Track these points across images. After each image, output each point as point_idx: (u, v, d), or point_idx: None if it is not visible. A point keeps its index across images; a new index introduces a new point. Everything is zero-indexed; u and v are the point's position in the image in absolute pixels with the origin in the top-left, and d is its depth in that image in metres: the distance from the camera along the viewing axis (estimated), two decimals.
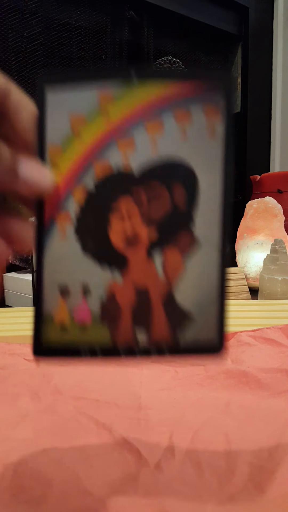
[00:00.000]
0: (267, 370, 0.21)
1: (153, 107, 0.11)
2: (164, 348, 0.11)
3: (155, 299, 0.11)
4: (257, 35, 0.91)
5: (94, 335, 0.11)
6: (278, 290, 0.39)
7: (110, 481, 0.14)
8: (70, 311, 0.11)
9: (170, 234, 0.11)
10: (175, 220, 0.11)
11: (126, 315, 0.11)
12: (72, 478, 0.14)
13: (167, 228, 0.11)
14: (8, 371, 0.21)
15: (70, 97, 0.11)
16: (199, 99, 0.11)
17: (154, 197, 0.11)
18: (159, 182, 0.11)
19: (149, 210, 0.11)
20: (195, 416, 0.17)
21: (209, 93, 0.11)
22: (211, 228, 0.11)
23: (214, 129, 0.11)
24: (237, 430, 0.17)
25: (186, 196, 0.11)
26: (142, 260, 0.11)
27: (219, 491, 0.13)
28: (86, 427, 0.17)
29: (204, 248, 0.11)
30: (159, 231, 0.11)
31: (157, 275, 0.11)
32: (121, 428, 0.17)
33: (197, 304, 0.11)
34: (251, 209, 0.52)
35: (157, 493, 0.13)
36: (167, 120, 0.11)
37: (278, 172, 0.73)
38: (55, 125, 0.11)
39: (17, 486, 0.14)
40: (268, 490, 0.13)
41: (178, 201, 0.11)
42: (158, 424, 0.17)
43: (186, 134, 0.11)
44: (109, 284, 0.11)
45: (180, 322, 0.11)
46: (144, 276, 0.11)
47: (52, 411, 0.18)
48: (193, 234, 0.11)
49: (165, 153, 0.11)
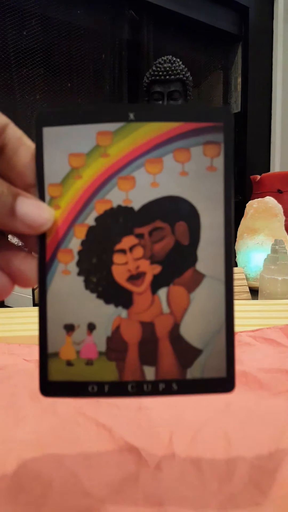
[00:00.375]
0: (267, 370, 0.21)
1: (152, 145, 0.11)
2: (172, 384, 0.11)
3: (161, 334, 0.11)
4: (257, 35, 0.91)
5: (100, 371, 0.11)
6: (278, 290, 0.39)
7: (110, 481, 0.14)
8: (75, 347, 0.11)
9: (174, 270, 0.11)
10: (179, 257, 0.11)
11: (132, 350, 0.11)
12: (72, 479, 0.14)
13: (170, 265, 0.11)
14: (7, 371, 0.21)
15: (68, 135, 0.11)
16: (198, 137, 0.11)
17: (157, 235, 0.11)
18: (161, 220, 0.11)
19: (152, 248, 0.11)
20: (195, 417, 0.17)
21: (209, 130, 0.11)
22: (215, 262, 0.11)
23: (214, 166, 0.11)
24: (237, 430, 0.16)
25: (188, 232, 0.11)
26: (147, 296, 0.11)
27: (219, 492, 0.13)
28: (86, 428, 0.17)
29: (209, 283, 0.11)
30: (163, 268, 0.11)
31: (162, 311, 0.11)
32: (121, 428, 0.17)
33: (205, 339, 0.11)
34: (251, 209, 0.52)
35: (157, 493, 0.13)
36: (167, 158, 0.11)
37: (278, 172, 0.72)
38: (54, 164, 0.11)
39: (17, 487, 0.14)
40: (269, 490, 0.13)
41: (180, 238, 0.11)
42: (158, 425, 0.17)
43: (186, 171, 0.11)
44: (114, 319, 0.11)
45: (188, 358, 0.11)
46: (150, 312, 0.11)
47: (52, 411, 0.18)
48: (196, 270, 0.11)
49: (166, 190, 0.11)
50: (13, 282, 0.12)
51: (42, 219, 0.11)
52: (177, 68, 0.68)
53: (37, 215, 0.11)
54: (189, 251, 0.11)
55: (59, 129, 0.11)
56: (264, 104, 0.94)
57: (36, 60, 0.65)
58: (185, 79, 0.69)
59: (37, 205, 0.11)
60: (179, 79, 0.68)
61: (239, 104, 0.92)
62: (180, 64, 0.69)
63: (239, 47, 0.90)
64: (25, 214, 0.11)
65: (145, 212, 0.11)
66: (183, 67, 0.69)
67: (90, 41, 0.68)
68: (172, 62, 0.68)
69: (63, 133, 0.11)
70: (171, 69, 0.67)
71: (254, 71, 0.89)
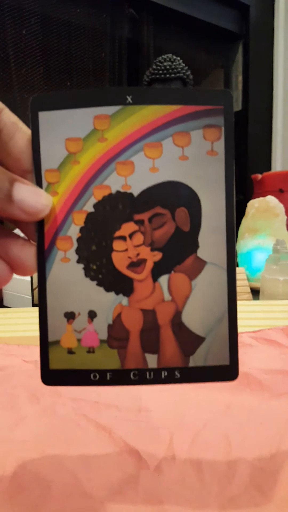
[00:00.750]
0: (268, 371, 0.21)
1: (151, 128, 0.11)
2: (175, 372, 0.11)
3: (163, 322, 0.11)
4: (258, 33, 0.90)
5: (102, 359, 0.11)
6: (280, 290, 0.38)
7: (109, 483, 0.14)
8: (76, 335, 0.11)
9: (175, 257, 0.11)
10: (180, 243, 0.11)
11: (134, 338, 0.11)
12: (71, 480, 0.14)
13: (171, 251, 0.11)
14: (6, 372, 0.21)
15: (64, 120, 0.11)
16: (198, 121, 0.11)
17: (157, 222, 0.11)
18: (161, 206, 0.11)
19: (152, 234, 0.11)
20: (195, 418, 0.17)
21: (208, 113, 0.11)
22: (217, 249, 0.11)
23: (215, 150, 0.11)
24: (238, 432, 0.16)
25: (189, 218, 0.11)
26: (148, 284, 0.11)
27: (220, 494, 0.13)
28: (85, 429, 0.17)
29: (210, 270, 0.11)
30: (164, 255, 0.11)
31: (164, 298, 0.11)
32: (121, 430, 0.17)
33: (207, 326, 0.11)
34: (252, 208, 0.52)
35: (157, 495, 0.13)
36: (166, 142, 0.11)
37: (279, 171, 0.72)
38: (50, 149, 0.11)
39: (16, 488, 0.13)
40: (270, 492, 0.13)
41: (181, 224, 0.11)
42: (158, 426, 0.17)
43: (186, 156, 0.11)
44: (115, 307, 0.11)
45: (190, 346, 0.11)
46: (151, 299, 0.11)
47: (51, 413, 0.18)
48: (198, 257, 0.11)
49: (165, 175, 0.11)
50: (12, 270, 0.11)
51: (40, 206, 0.11)
52: (177, 66, 0.67)
53: (34, 201, 0.11)
54: (190, 237, 0.11)
55: (55, 113, 0.11)
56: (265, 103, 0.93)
57: (35, 59, 0.65)
58: (186, 77, 0.69)
59: (35, 191, 0.11)
60: (180, 77, 0.68)
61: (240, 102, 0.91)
62: (181, 63, 0.68)
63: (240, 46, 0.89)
64: (23, 201, 0.10)
65: (145, 198, 0.11)
66: (183, 66, 0.68)
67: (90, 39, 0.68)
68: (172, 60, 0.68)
69: (59, 117, 0.11)
70: (171, 68, 0.67)
71: (255, 70, 0.89)
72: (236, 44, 0.90)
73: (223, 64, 0.91)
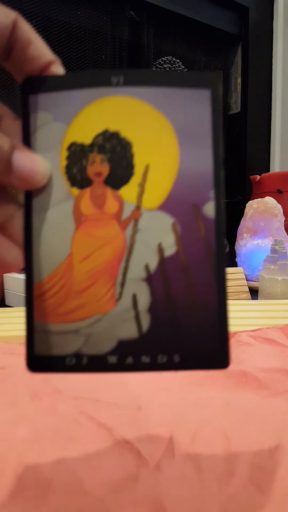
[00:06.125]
0: (267, 370, 0.21)
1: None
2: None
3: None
4: (257, 35, 0.91)
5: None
6: (278, 290, 0.39)
7: (109, 481, 0.14)
8: None
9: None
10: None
11: None
12: (71, 478, 0.14)
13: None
14: (7, 371, 0.21)
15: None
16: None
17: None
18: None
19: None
20: (195, 416, 0.17)
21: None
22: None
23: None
24: (237, 430, 0.16)
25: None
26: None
27: (219, 491, 0.13)
28: (86, 427, 0.17)
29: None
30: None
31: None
32: (121, 428, 0.17)
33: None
34: (251, 209, 0.52)
35: (157, 493, 0.13)
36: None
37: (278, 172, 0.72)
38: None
39: (17, 486, 0.14)
40: (268, 490, 0.13)
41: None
42: (158, 424, 0.17)
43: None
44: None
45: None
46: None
47: (52, 411, 0.18)
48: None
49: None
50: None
51: (38, 175, 0.11)
52: (177, 68, 0.68)
53: (33, 170, 0.11)
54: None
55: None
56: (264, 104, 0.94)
57: None
58: None
59: (34, 159, 0.11)
60: None
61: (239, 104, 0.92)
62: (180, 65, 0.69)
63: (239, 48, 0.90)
64: (22, 169, 0.10)
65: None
66: (183, 68, 0.69)
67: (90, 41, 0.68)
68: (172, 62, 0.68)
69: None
70: (171, 70, 0.67)
71: (254, 72, 0.89)
72: (235, 46, 0.90)
73: (222, 66, 0.92)
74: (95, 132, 0.11)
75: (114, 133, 0.11)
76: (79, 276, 0.11)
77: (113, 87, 0.11)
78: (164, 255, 0.11)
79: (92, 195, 0.11)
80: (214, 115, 0.11)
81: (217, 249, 0.11)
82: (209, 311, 0.11)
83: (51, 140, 0.11)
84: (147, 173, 0.11)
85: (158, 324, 0.11)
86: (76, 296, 0.11)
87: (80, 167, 0.11)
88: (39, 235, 0.11)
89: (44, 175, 0.11)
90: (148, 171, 0.11)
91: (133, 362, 0.11)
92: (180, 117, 0.11)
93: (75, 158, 0.11)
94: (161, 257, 0.11)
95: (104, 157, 0.11)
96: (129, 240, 0.11)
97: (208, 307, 0.11)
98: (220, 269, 0.11)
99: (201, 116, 0.11)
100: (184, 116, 0.11)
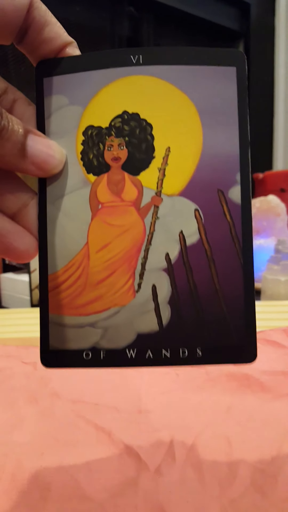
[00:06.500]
0: (269, 372, 0.21)
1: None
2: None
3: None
4: (259, 32, 0.90)
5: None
6: (282, 291, 0.38)
7: (109, 485, 0.14)
8: None
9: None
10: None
11: None
12: (71, 483, 0.14)
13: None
14: (4, 374, 0.21)
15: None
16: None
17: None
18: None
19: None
20: (196, 420, 0.17)
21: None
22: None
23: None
24: (238, 433, 0.16)
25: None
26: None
27: (221, 496, 0.13)
28: (85, 431, 0.17)
29: None
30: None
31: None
32: (120, 432, 0.16)
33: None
34: (253, 208, 0.52)
35: (157, 498, 0.13)
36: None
37: (281, 171, 0.72)
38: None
39: (15, 491, 0.13)
40: (271, 494, 0.13)
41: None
42: (159, 428, 0.17)
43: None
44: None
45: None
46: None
47: (50, 414, 0.18)
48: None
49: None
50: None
51: (54, 161, 0.10)
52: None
53: (48, 156, 0.10)
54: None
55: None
56: (266, 101, 0.93)
57: None
58: None
59: (49, 144, 0.10)
60: None
61: None
62: None
63: (241, 44, 0.89)
64: (36, 156, 0.10)
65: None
66: None
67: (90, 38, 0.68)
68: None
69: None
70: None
71: (255, 68, 0.89)
72: (236, 43, 0.89)
73: None
74: (113, 114, 0.11)
75: (133, 114, 0.11)
76: (96, 267, 0.11)
77: (131, 67, 0.11)
78: (186, 244, 0.11)
79: (110, 181, 0.11)
80: (240, 93, 0.11)
81: (244, 236, 0.11)
82: (235, 301, 0.11)
83: (67, 124, 0.11)
84: (168, 156, 0.11)
85: (179, 317, 0.11)
86: (92, 288, 0.11)
87: (97, 152, 0.11)
88: (54, 224, 0.11)
89: (59, 161, 0.11)
90: (169, 155, 0.11)
91: (153, 357, 0.11)
92: (203, 96, 0.11)
93: (92, 143, 0.11)
94: (183, 245, 0.11)
95: (122, 141, 0.11)
96: (148, 228, 0.11)
97: (234, 297, 0.11)
98: (247, 257, 0.11)
99: (226, 95, 0.11)
100: (207, 95, 0.11)
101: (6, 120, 0.09)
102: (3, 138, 0.09)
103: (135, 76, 0.11)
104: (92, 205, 0.11)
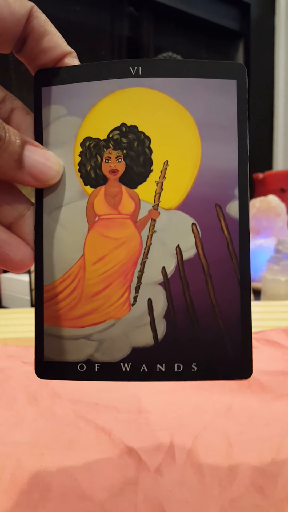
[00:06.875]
0: (270, 372, 0.21)
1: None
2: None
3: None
4: (259, 31, 0.90)
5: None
6: (282, 291, 0.38)
7: (109, 485, 0.14)
8: None
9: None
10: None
11: None
12: (71, 482, 0.14)
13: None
14: (5, 374, 0.21)
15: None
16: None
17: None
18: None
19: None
20: (196, 420, 0.17)
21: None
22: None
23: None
24: (239, 433, 0.16)
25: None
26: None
27: (221, 496, 0.13)
28: (85, 431, 0.17)
29: None
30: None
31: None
32: (120, 432, 0.16)
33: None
34: (253, 208, 0.52)
35: (157, 497, 0.13)
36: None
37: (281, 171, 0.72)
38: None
39: (15, 490, 0.13)
40: (271, 494, 0.13)
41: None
42: (159, 428, 0.17)
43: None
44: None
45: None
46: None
47: (51, 414, 0.18)
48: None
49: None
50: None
51: (51, 172, 0.10)
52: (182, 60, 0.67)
53: (45, 167, 0.10)
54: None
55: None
56: (266, 101, 0.93)
57: None
58: None
59: (46, 155, 0.10)
60: None
61: None
62: None
63: (241, 44, 0.89)
64: (34, 166, 0.10)
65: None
66: None
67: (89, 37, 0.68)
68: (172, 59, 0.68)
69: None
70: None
71: (255, 68, 0.89)
72: (236, 43, 0.90)
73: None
74: (111, 126, 0.11)
75: (131, 127, 0.11)
76: (92, 279, 0.11)
77: (130, 79, 0.11)
78: (183, 258, 0.11)
79: (107, 193, 0.11)
80: (240, 107, 0.11)
81: (241, 252, 0.11)
82: (231, 317, 0.11)
83: (65, 134, 0.11)
84: (166, 170, 0.11)
85: (175, 331, 0.11)
86: (88, 300, 0.11)
87: (95, 164, 0.11)
88: (50, 235, 0.11)
89: (57, 172, 0.11)
90: (168, 168, 0.11)
91: (148, 371, 0.11)
92: (202, 110, 0.10)
93: (89, 155, 0.11)
94: (180, 259, 0.11)
95: (120, 154, 0.11)
96: (145, 242, 0.11)
97: (231, 312, 0.11)
98: (244, 273, 0.11)
99: (226, 109, 0.11)
100: (207, 108, 0.11)
101: (3, 130, 0.09)
102: (0, 148, 0.09)
103: (134, 88, 0.11)
104: (89, 217, 0.11)
